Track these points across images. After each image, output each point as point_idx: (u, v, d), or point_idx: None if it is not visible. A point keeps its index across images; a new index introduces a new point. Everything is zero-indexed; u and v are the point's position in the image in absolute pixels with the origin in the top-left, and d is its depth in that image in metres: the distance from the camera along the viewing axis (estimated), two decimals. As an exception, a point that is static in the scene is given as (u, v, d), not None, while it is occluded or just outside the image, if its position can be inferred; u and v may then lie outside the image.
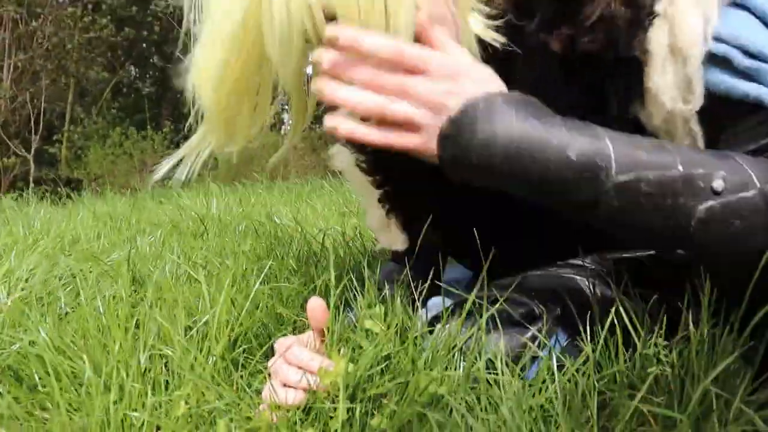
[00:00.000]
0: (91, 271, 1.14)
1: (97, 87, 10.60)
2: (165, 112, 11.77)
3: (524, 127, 0.57)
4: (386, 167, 0.95)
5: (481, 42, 0.68)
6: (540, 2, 0.68)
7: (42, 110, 9.01)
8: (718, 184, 0.56)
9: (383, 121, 0.60)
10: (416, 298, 0.89)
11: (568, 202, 0.59)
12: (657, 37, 0.63)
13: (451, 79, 0.59)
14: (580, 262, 0.81)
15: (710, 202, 0.56)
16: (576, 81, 0.69)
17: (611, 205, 0.57)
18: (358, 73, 0.59)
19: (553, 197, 0.60)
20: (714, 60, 0.61)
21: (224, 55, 0.64)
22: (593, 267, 0.80)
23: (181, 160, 0.72)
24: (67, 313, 0.89)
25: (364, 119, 0.61)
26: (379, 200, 0.98)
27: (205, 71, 0.66)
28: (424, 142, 0.60)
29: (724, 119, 0.63)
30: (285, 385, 0.71)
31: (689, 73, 0.62)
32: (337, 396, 0.64)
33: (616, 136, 0.59)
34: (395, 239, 1.02)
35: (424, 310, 0.89)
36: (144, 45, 11.62)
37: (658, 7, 0.63)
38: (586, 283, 0.75)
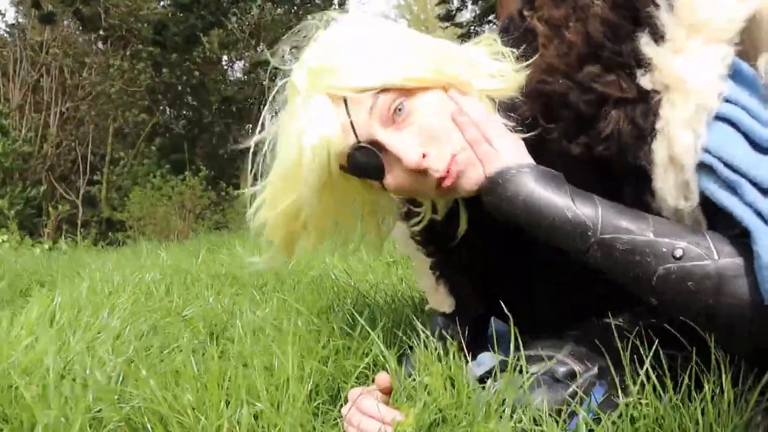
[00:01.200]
0: (171, 324, 1.29)
1: (135, 130, 11.00)
2: (200, 152, 12.13)
3: (540, 191, 0.77)
4: (436, 239, 1.07)
5: None
6: (562, 114, 0.81)
7: (88, 153, 9.38)
8: (678, 251, 0.72)
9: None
10: (466, 353, 1.00)
11: (567, 247, 0.78)
12: (658, 150, 0.75)
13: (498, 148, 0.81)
14: (614, 322, 0.91)
15: (669, 265, 0.72)
16: (594, 183, 0.80)
17: (596, 255, 0.76)
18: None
19: (556, 242, 0.79)
20: (703, 167, 0.73)
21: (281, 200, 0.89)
22: (627, 327, 0.90)
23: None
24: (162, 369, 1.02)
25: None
26: (430, 268, 1.10)
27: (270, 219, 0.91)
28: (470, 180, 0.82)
29: (710, 215, 0.75)
30: (360, 432, 0.83)
31: (686, 178, 0.73)
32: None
33: (607, 206, 0.77)
34: (443, 303, 1.13)
35: (474, 362, 1.01)
36: (179, 87, 12.04)
37: (658, 126, 0.75)
38: (621, 343, 0.85)
